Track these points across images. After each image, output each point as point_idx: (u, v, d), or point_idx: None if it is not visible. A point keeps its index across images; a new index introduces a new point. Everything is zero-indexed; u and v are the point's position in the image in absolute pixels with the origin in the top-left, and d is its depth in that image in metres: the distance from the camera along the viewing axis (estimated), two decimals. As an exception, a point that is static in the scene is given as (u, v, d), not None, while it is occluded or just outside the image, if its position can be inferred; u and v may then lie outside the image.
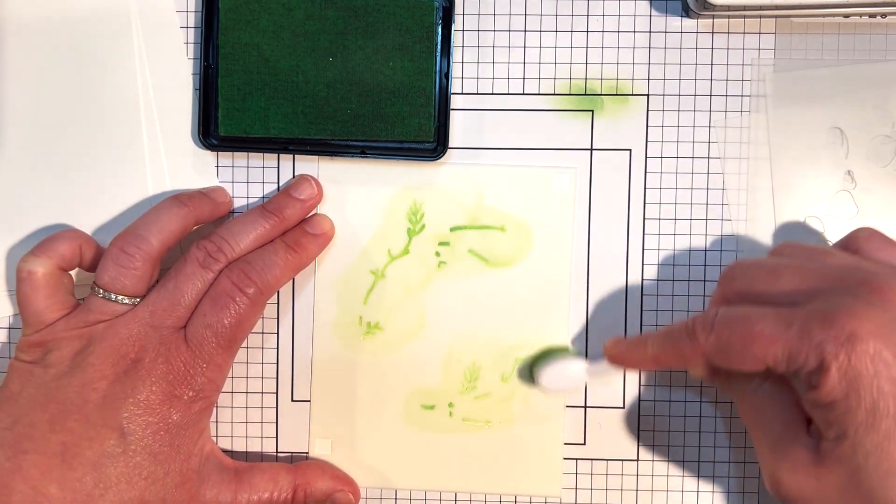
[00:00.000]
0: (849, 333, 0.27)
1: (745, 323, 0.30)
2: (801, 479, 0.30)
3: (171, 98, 0.39)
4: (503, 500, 0.41)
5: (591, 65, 0.39)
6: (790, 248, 0.34)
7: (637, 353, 0.35)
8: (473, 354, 0.40)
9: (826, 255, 0.33)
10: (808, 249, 0.33)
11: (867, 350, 0.27)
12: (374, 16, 0.38)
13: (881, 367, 0.27)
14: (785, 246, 0.34)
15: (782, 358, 0.28)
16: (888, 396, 0.27)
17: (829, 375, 0.27)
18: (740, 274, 0.32)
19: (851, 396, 0.27)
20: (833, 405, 0.28)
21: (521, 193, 0.40)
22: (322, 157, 0.40)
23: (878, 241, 0.33)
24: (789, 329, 0.28)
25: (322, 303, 0.40)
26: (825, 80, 0.39)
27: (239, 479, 0.37)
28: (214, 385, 0.36)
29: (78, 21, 0.39)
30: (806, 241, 0.39)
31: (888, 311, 0.28)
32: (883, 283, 0.29)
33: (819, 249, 0.33)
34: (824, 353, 0.27)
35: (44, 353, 0.35)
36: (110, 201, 0.40)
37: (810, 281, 0.30)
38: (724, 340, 0.30)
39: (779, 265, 0.32)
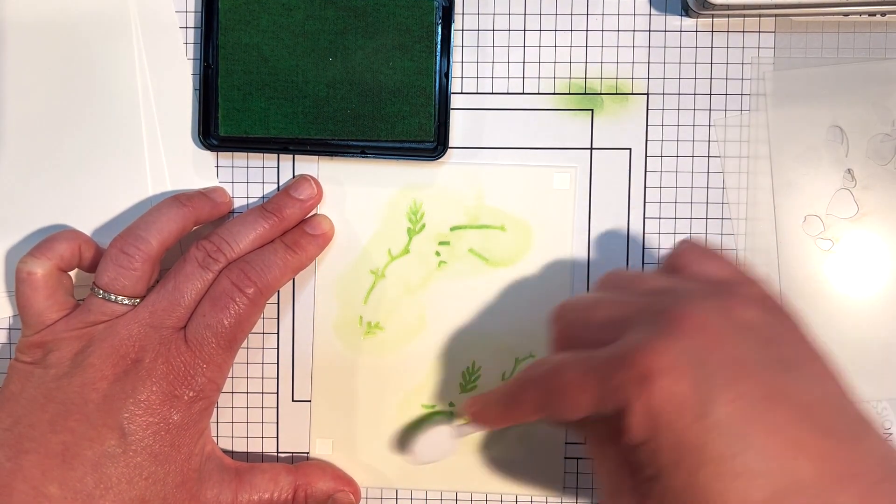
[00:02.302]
0: (644, 372, 0.26)
1: (557, 373, 0.29)
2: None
3: (171, 98, 0.39)
4: (504, 499, 0.41)
5: (590, 64, 0.39)
6: (609, 279, 0.33)
7: (487, 412, 0.34)
8: (473, 354, 0.40)
9: (641, 280, 0.32)
10: (625, 278, 0.32)
11: (662, 387, 0.26)
12: (374, 16, 0.38)
13: (677, 402, 0.26)
14: (605, 278, 0.33)
15: (593, 404, 0.28)
16: (687, 431, 0.26)
17: (633, 417, 0.26)
18: (562, 313, 0.32)
19: (655, 436, 0.26)
20: (642, 447, 0.27)
21: (521, 193, 0.40)
22: (322, 157, 0.40)
23: (695, 255, 0.32)
24: (593, 375, 0.28)
25: (322, 303, 0.40)
26: (825, 79, 0.39)
27: (240, 479, 0.37)
28: (215, 385, 0.36)
29: (78, 21, 0.39)
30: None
31: (682, 340, 0.27)
32: (679, 310, 0.28)
33: (636, 276, 0.32)
34: (624, 397, 0.27)
35: (44, 353, 0.35)
36: (110, 201, 0.40)
37: (619, 312, 0.29)
38: (543, 397, 0.30)
39: (594, 300, 0.31)
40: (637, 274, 0.33)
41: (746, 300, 0.29)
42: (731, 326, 0.28)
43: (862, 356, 0.39)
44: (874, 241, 0.39)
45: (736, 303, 0.28)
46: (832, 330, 0.39)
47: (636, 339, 0.27)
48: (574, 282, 0.40)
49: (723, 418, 0.26)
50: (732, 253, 0.40)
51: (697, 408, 0.26)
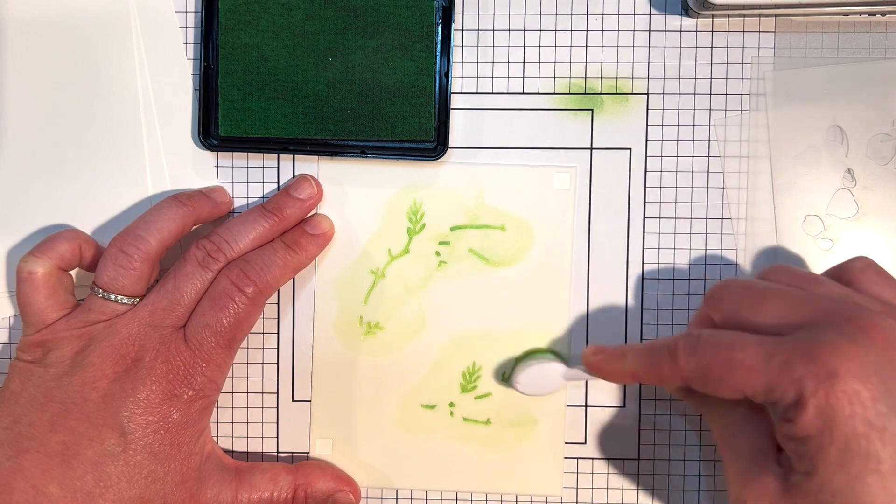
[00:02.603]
0: (829, 371, 0.27)
1: (727, 350, 0.29)
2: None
3: (171, 98, 0.39)
4: (504, 499, 0.41)
5: (590, 64, 0.39)
6: (780, 272, 0.33)
7: (615, 365, 0.34)
8: (474, 354, 0.40)
9: (816, 283, 0.32)
10: (798, 276, 0.33)
11: (846, 389, 0.26)
12: (374, 15, 0.38)
13: (858, 407, 0.26)
14: (774, 269, 0.34)
15: (761, 389, 0.28)
16: (861, 437, 0.26)
17: (806, 411, 0.27)
18: (727, 295, 0.32)
19: (825, 434, 0.27)
20: (806, 440, 0.27)
21: (522, 193, 0.40)
22: (322, 157, 0.40)
23: (872, 275, 0.32)
24: (771, 361, 0.28)
25: (322, 303, 0.40)
26: (825, 79, 0.39)
27: (239, 479, 0.37)
28: (214, 384, 0.36)
29: (78, 21, 0.39)
30: (796, 263, 0.39)
31: (871, 351, 0.27)
32: (870, 321, 0.28)
33: (809, 277, 0.32)
34: (803, 389, 0.27)
35: (44, 352, 0.35)
36: (110, 201, 0.40)
37: (797, 311, 0.30)
38: (705, 366, 0.30)
39: (766, 290, 0.31)
40: (809, 274, 0.33)
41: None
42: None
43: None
44: (874, 241, 0.39)
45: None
46: (832, 330, 0.39)
47: (826, 337, 0.28)
48: (574, 282, 0.40)
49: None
50: (732, 253, 0.40)
51: (877, 419, 0.26)
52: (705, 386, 0.30)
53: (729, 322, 0.31)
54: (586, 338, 0.40)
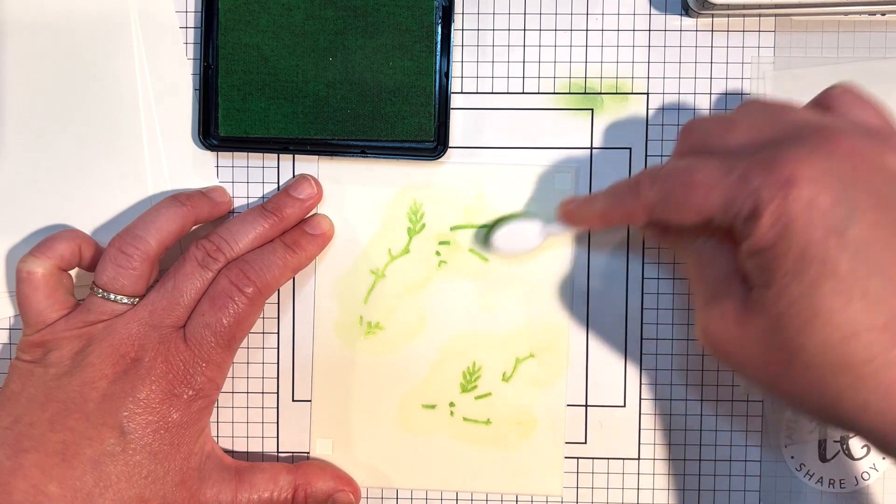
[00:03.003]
0: (786, 178, 0.26)
1: (686, 172, 0.29)
2: (727, 328, 0.29)
3: (171, 98, 0.39)
4: (504, 499, 0.41)
5: (590, 63, 0.39)
6: (754, 104, 0.32)
7: (586, 209, 0.34)
8: (473, 354, 0.40)
9: (788, 111, 0.31)
10: (771, 105, 0.32)
11: (802, 195, 0.26)
12: (374, 15, 0.38)
13: (815, 214, 0.26)
14: (749, 102, 0.33)
15: (720, 205, 0.28)
16: (818, 243, 0.26)
17: (762, 220, 0.26)
18: (697, 127, 0.31)
19: (782, 242, 0.26)
20: (764, 251, 0.27)
21: (522, 192, 0.40)
22: (322, 157, 0.40)
23: (850, 98, 0.31)
24: (729, 176, 0.28)
25: (322, 303, 0.40)
26: (825, 78, 0.39)
27: (239, 479, 0.37)
28: (214, 384, 0.36)
29: (78, 21, 0.39)
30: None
31: (832, 158, 0.26)
32: (835, 133, 0.27)
33: (783, 105, 0.31)
34: (759, 198, 0.26)
35: (44, 352, 0.35)
36: (110, 201, 0.40)
37: (764, 132, 0.29)
38: (667, 192, 0.30)
39: (735, 118, 0.31)
40: (783, 103, 0.32)
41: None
42: (881, 166, 0.27)
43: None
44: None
45: (886, 149, 0.28)
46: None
47: (784, 148, 0.27)
48: (574, 281, 0.40)
49: (859, 238, 0.26)
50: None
51: (835, 223, 0.26)
52: (668, 214, 0.30)
53: (699, 152, 0.31)
54: (586, 337, 0.40)
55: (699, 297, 0.31)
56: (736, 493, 0.40)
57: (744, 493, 0.40)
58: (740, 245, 0.28)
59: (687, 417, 0.40)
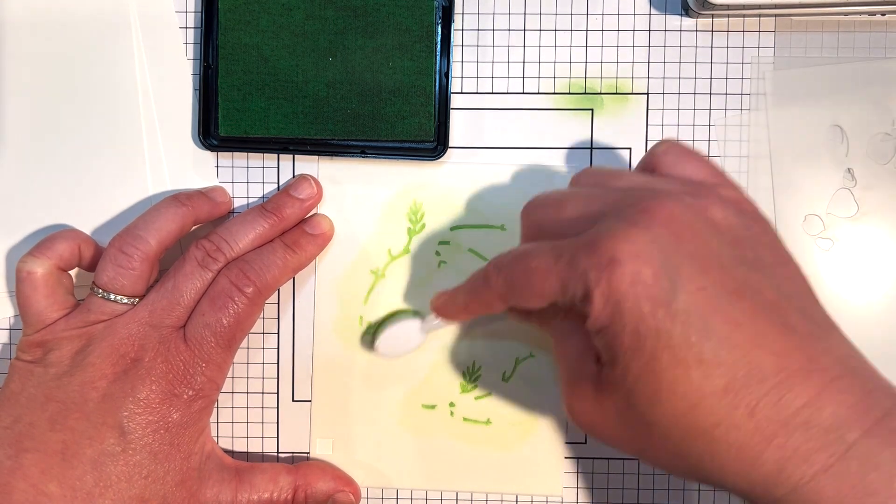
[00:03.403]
0: (609, 258, 0.26)
1: (524, 259, 0.29)
2: (587, 408, 0.29)
3: (171, 98, 0.39)
4: (504, 499, 0.41)
5: (590, 63, 0.39)
6: (585, 175, 0.33)
7: (451, 304, 0.35)
8: (473, 354, 0.40)
9: (616, 177, 0.31)
10: (601, 174, 0.32)
11: (625, 272, 0.26)
12: (374, 15, 0.38)
13: (640, 288, 0.26)
14: (581, 173, 0.33)
15: (557, 290, 0.28)
16: (648, 317, 0.26)
17: (595, 301, 0.27)
18: (533, 208, 0.32)
19: (616, 321, 0.27)
20: (603, 331, 0.27)
21: (522, 192, 0.40)
22: (322, 157, 0.40)
23: (672, 156, 0.32)
24: (560, 261, 0.28)
25: (322, 303, 0.40)
26: (825, 78, 0.39)
27: (239, 479, 0.37)
28: (214, 384, 0.36)
29: (78, 21, 0.39)
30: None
31: (652, 229, 0.27)
32: (652, 202, 0.28)
33: (611, 173, 0.32)
34: (588, 281, 0.27)
35: (44, 352, 0.35)
36: (110, 201, 0.40)
37: (591, 208, 0.29)
38: (509, 280, 0.30)
39: (565, 195, 0.31)
40: (612, 171, 0.32)
41: (722, 201, 0.29)
42: (704, 224, 0.28)
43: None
44: (874, 240, 0.39)
45: (710, 202, 0.28)
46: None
47: (606, 226, 0.27)
48: (574, 281, 0.40)
49: (687, 306, 0.26)
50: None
51: (661, 295, 0.26)
52: (516, 300, 0.30)
53: (538, 233, 0.31)
54: (586, 338, 0.40)
55: (562, 377, 0.31)
56: (736, 493, 0.40)
57: (744, 493, 0.40)
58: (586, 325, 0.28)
59: (687, 417, 0.40)
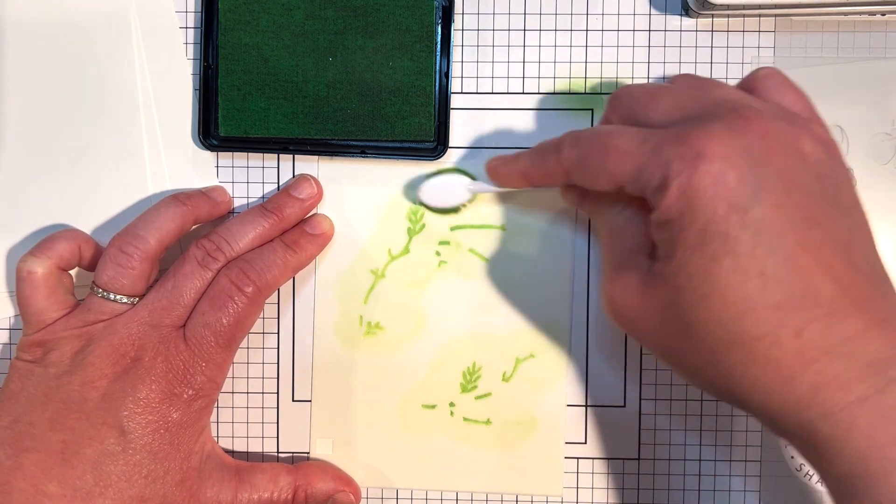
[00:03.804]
0: (696, 152, 0.26)
1: (606, 138, 0.29)
2: (630, 299, 0.30)
3: (171, 98, 0.39)
4: (504, 499, 0.41)
5: (590, 63, 0.39)
6: (684, 78, 0.33)
7: (510, 167, 0.35)
8: (473, 354, 0.40)
9: (714, 87, 0.31)
10: (700, 81, 0.32)
11: (710, 170, 0.26)
12: (374, 15, 0.38)
13: (721, 189, 0.26)
14: (679, 76, 0.33)
15: (632, 173, 0.28)
16: (721, 219, 0.26)
17: (669, 192, 0.27)
18: (625, 96, 0.32)
19: (686, 215, 0.26)
20: (669, 224, 0.27)
21: (522, 192, 0.40)
22: (322, 157, 0.40)
23: (773, 82, 0.32)
24: (644, 146, 0.28)
25: (322, 302, 0.40)
26: (825, 78, 0.39)
27: (240, 479, 0.37)
28: (214, 384, 0.36)
29: (78, 21, 0.39)
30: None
31: (746, 137, 0.27)
32: (753, 113, 0.28)
33: (710, 82, 0.32)
34: (669, 170, 0.27)
35: (44, 352, 0.35)
36: (110, 201, 0.40)
37: (686, 107, 0.29)
38: (584, 155, 0.30)
39: (661, 90, 0.31)
40: (711, 80, 0.32)
41: (813, 135, 0.29)
42: (794, 150, 0.28)
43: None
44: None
45: (803, 133, 0.28)
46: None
47: (700, 123, 0.27)
48: (574, 281, 0.40)
49: (762, 218, 0.26)
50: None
51: (740, 201, 0.26)
52: (584, 177, 0.30)
53: (624, 120, 0.31)
54: (586, 337, 0.40)
55: (607, 266, 0.31)
56: (736, 494, 0.40)
57: (744, 494, 0.40)
58: (650, 216, 0.28)
59: (687, 417, 0.40)
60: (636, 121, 0.30)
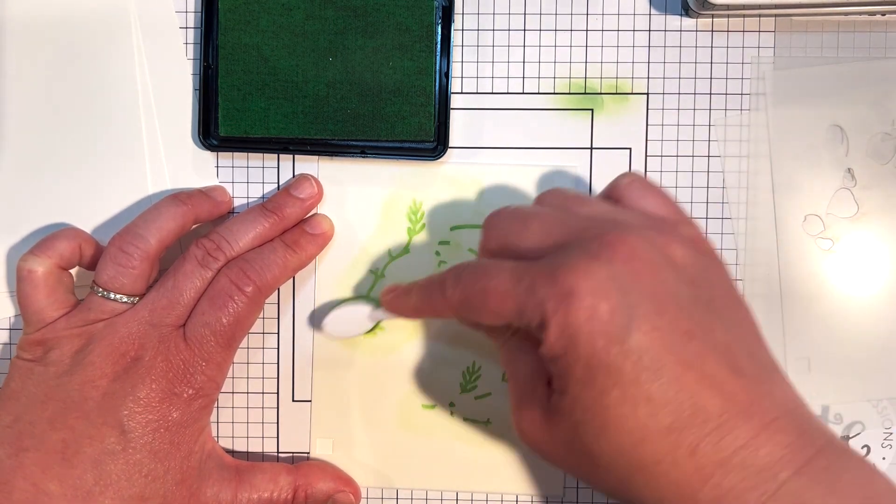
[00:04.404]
0: (567, 290, 0.27)
1: (484, 278, 0.30)
2: (536, 431, 0.30)
3: (171, 98, 0.40)
4: (504, 499, 0.41)
5: (590, 63, 0.39)
6: (552, 195, 0.33)
7: (402, 301, 0.35)
8: (473, 354, 0.40)
9: (581, 203, 0.32)
10: (567, 197, 0.32)
11: (583, 306, 0.26)
12: (374, 15, 0.38)
13: (596, 324, 0.26)
14: (549, 192, 0.33)
15: (513, 313, 0.28)
16: (602, 352, 0.26)
17: (550, 331, 0.27)
18: (497, 223, 0.32)
19: (570, 352, 0.27)
20: (557, 360, 0.28)
21: (522, 192, 0.40)
22: (322, 157, 0.40)
23: (636, 188, 0.32)
24: (519, 286, 0.28)
25: (322, 302, 0.40)
26: (825, 78, 0.39)
27: (240, 478, 0.37)
28: (214, 383, 0.36)
29: (78, 21, 0.39)
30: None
31: (613, 265, 0.27)
32: (615, 236, 0.28)
33: (577, 198, 0.32)
34: (545, 310, 0.27)
35: (44, 351, 0.35)
36: (110, 201, 0.40)
37: (555, 233, 0.30)
38: (465, 296, 0.30)
39: (529, 215, 0.31)
40: (578, 196, 0.33)
41: (681, 239, 0.29)
42: (663, 261, 0.28)
43: (862, 355, 0.39)
44: (874, 240, 0.39)
45: (670, 240, 0.29)
46: (832, 329, 0.39)
47: (569, 257, 0.28)
48: (574, 281, 0.40)
49: (640, 345, 0.26)
50: (732, 252, 0.40)
51: (615, 332, 0.26)
52: (470, 315, 0.31)
53: (498, 249, 0.31)
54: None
55: (512, 397, 0.32)
56: (736, 493, 0.40)
57: (744, 494, 0.40)
58: (539, 350, 0.29)
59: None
60: (510, 249, 0.31)
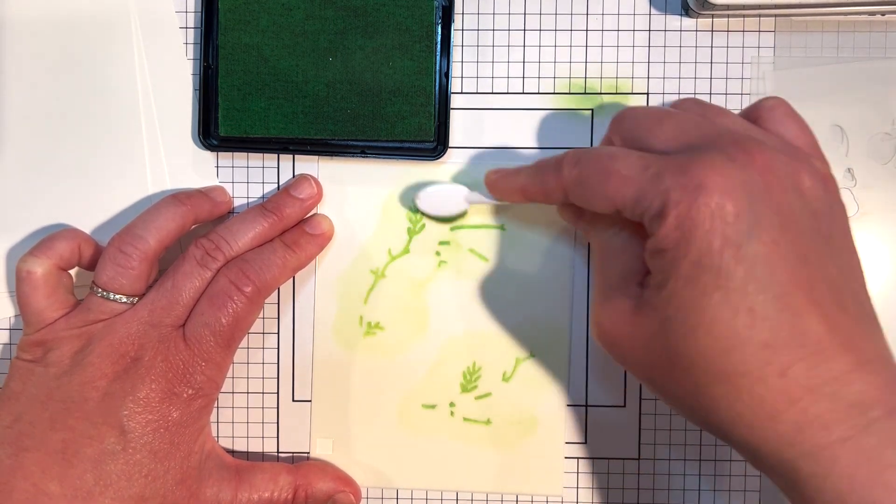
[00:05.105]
0: (697, 183, 0.26)
1: (607, 161, 0.29)
2: (618, 325, 0.30)
3: (171, 98, 0.40)
4: (504, 499, 0.41)
5: (590, 63, 0.39)
6: (689, 102, 0.33)
7: (509, 181, 0.35)
8: (473, 354, 0.40)
9: (720, 115, 0.31)
10: (705, 107, 0.32)
11: (709, 202, 0.26)
12: (374, 15, 0.38)
13: (718, 222, 0.26)
14: (685, 100, 0.33)
15: (631, 199, 0.28)
16: (715, 253, 0.26)
17: (666, 221, 0.27)
18: (628, 118, 0.32)
19: (681, 246, 0.27)
20: (663, 253, 0.27)
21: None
22: (322, 157, 0.40)
23: (779, 113, 0.32)
24: (645, 172, 0.28)
25: (322, 302, 0.40)
26: (825, 78, 0.39)
27: (240, 478, 0.37)
28: (214, 383, 0.36)
29: (78, 21, 0.39)
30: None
31: (747, 171, 0.27)
32: (756, 146, 0.28)
33: (715, 109, 0.32)
34: (668, 199, 0.27)
35: (44, 351, 0.35)
36: (110, 201, 0.40)
37: (690, 134, 0.29)
38: (584, 176, 0.30)
39: (665, 115, 0.31)
40: (717, 107, 0.32)
41: (813, 171, 0.29)
42: (793, 185, 0.28)
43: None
44: (874, 240, 0.39)
45: (803, 168, 0.28)
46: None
47: (703, 153, 0.27)
48: (574, 282, 0.40)
49: (756, 254, 0.26)
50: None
51: (734, 235, 0.26)
52: (583, 198, 0.30)
53: (626, 143, 0.31)
54: (586, 337, 0.40)
55: (598, 290, 0.31)
56: (736, 493, 0.40)
57: (744, 493, 0.40)
58: (646, 242, 0.28)
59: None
60: (639, 144, 0.30)
